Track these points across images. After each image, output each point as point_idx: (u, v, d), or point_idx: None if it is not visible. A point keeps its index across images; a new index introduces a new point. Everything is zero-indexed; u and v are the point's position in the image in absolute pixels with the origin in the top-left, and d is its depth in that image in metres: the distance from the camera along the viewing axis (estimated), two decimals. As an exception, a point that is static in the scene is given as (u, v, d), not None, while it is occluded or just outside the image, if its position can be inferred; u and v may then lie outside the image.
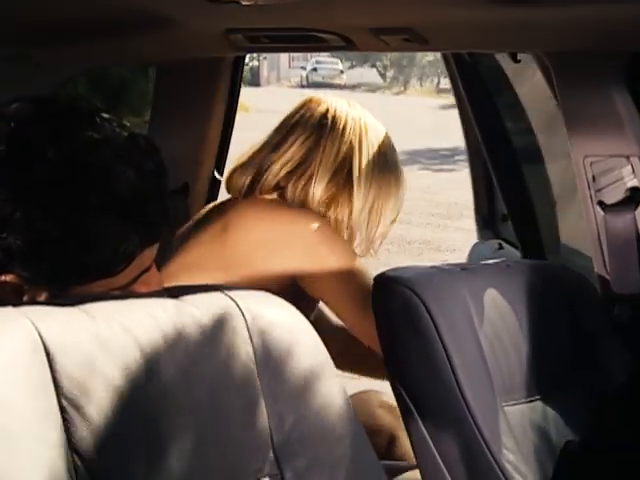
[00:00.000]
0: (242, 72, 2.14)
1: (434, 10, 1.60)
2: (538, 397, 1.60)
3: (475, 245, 2.95)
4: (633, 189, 1.77)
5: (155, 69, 2.13)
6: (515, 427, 1.51)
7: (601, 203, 1.81)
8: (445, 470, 1.47)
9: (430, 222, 9.13)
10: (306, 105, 1.78)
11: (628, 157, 1.75)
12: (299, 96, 1.93)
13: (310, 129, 1.72)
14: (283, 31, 1.82)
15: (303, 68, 35.57)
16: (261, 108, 17.73)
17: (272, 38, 1.86)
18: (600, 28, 1.57)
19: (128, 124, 1.07)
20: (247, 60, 2.20)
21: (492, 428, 1.45)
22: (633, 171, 1.76)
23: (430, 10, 1.60)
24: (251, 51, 1.98)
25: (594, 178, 1.81)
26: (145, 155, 1.06)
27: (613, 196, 1.79)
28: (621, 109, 1.73)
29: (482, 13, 1.56)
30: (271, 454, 1.10)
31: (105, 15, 1.74)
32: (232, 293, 1.11)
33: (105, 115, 1.05)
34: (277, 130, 1.77)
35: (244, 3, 1.49)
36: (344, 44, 1.81)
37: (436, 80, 33.81)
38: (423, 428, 1.48)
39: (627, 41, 1.64)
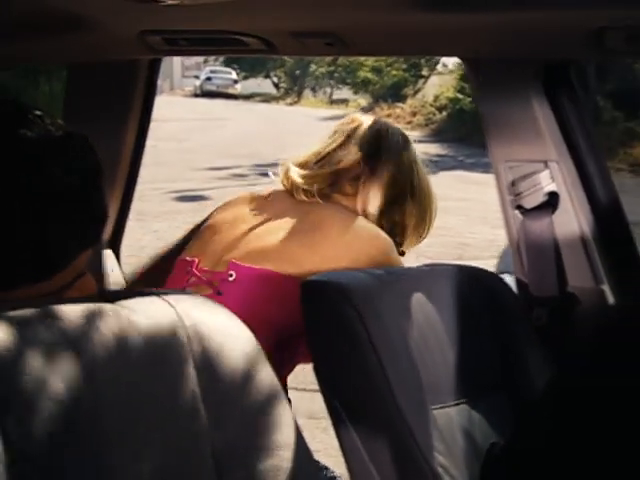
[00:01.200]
0: (158, 75, 2.10)
1: (355, 15, 1.59)
2: (464, 400, 1.61)
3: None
4: (551, 194, 1.80)
5: (67, 71, 2.05)
6: (444, 430, 1.51)
7: (520, 207, 1.83)
8: (377, 475, 1.46)
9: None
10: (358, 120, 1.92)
11: (546, 162, 1.79)
12: (193, 105, 1.91)
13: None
14: (202, 33, 1.78)
15: (197, 77, 35.28)
16: (154, 117, 17.55)
17: (191, 41, 1.83)
18: (519, 36, 1.60)
19: (62, 123, 1.02)
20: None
21: (423, 432, 1.45)
22: (551, 176, 1.79)
23: (351, 15, 1.60)
24: (168, 54, 1.94)
25: (513, 183, 1.83)
26: (80, 155, 1.02)
27: (531, 201, 1.82)
28: (539, 115, 1.77)
29: (403, 18, 1.56)
30: (211, 460, 1.07)
31: (16, 14, 1.68)
32: (169, 297, 1.08)
33: (38, 112, 1.01)
34: (339, 139, 1.91)
35: (166, 3, 1.45)
36: (265, 47, 1.79)
37: (329, 91, 34.08)
38: (355, 434, 1.47)
39: (545, 49, 1.68)
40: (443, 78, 23.35)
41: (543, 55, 1.73)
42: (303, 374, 1.84)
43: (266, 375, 1.16)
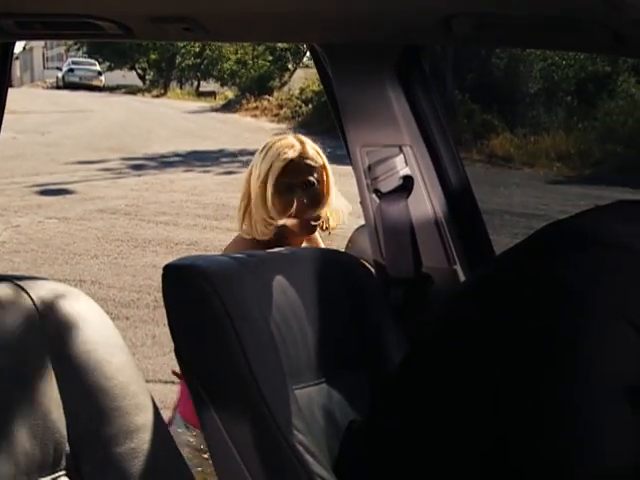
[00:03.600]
0: (12, 60, 2.04)
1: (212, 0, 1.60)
2: (324, 380, 1.64)
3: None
4: (406, 177, 1.85)
5: None
6: (305, 409, 1.54)
7: (377, 191, 1.88)
8: (238, 456, 1.47)
9: (197, 223, 9.12)
10: None
11: (401, 147, 1.84)
12: (55, 97, 1.88)
13: None
14: (57, 17, 1.75)
15: (59, 69, 34.31)
16: (14, 109, 16.97)
17: (45, 24, 1.78)
18: (372, 22, 1.64)
19: None
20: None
21: (283, 412, 1.47)
22: (405, 160, 1.84)
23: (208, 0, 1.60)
24: (21, 38, 1.89)
25: (370, 167, 1.88)
26: None
27: (387, 184, 1.87)
28: (393, 101, 1.82)
29: (258, 4, 1.57)
30: (67, 448, 1.07)
31: None
32: (23, 283, 1.06)
33: None
34: None
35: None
36: (122, 32, 1.76)
37: (196, 83, 33.78)
38: (215, 416, 1.48)
39: (397, 35, 1.72)
40: (309, 71, 23.49)
41: (395, 41, 1.78)
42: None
43: (123, 360, 1.16)
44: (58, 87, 32.35)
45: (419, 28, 1.66)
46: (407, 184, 1.86)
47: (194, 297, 1.51)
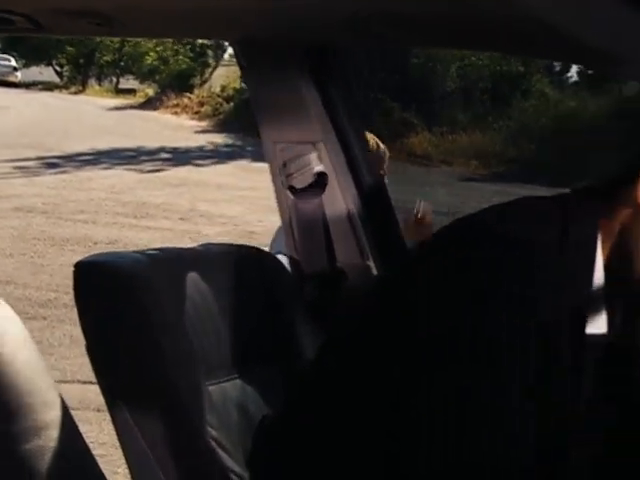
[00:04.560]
0: None
1: (124, -5, 1.59)
2: (238, 375, 1.65)
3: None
4: (320, 174, 1.87)
5: None
6: (218, 405, 1.54)
7: (291, 188, 1.89)
8: (150, 453, 1.47)
9: (116, 221, 9.02)
10: None
11: (314, 144, 1.86)
12: None
13: None
14: (-38, 10, 1.71)
15: (-28, 65, 33.50)
16: None
17: (-48, 17, 1.75)
18: (285, 20, 1.65)
19: None
20: None
21: (196, 408, 1.48)
22: (319, 157, 1.86)
23: (120, -5, 1.59)
24: None
25: (284, 164, 1.89)
26: None
27: (302, 181, 1.88)
28: (307, 98, 1.83)
29: (173, 0, 1.57)
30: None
31: None
32: None
33: None
34: None
35: None
36: (32, 26, 1.74)
37: (115, 80, 33.34)
38: (128, 414, 1.48)
39: (310, 33, 1.74)
40: (229, 69, 23.42)
41: (309, 39, 1.79)
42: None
43: (29, 357, 1.15)
44: (-29, 83, 31.60)
45: (331, 26, 1.68)
46: (321, 180, 1.87)
47: (105, 294, 1.50)
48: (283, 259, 1.95)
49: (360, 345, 1.32)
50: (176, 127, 19.56)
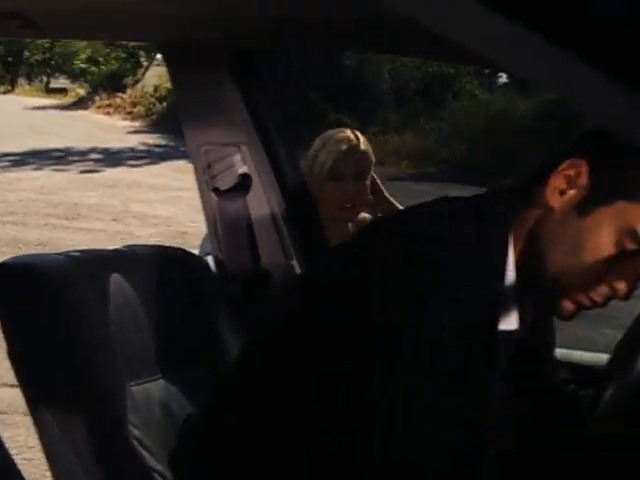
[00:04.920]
0: None
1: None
2: (160, 376, 1.66)
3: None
4: (243, 175, 1.89)
5: None
6: (141, 405, 1.55)
7: (216, 189, 1.91)
8: (73, 454, 1.48)
9: (47, 223, 8.89)
10: None
11: (238, 145, 1.88)
12: None
13: None
14: None
15: None
16: None
17: None
18: (209, 23, 1.67)
19: None
20: None
21: (118, 408, 1.49)
22: (243, 159, 1.88)
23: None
24: None
25: (209, 165, 1.91)
26: None
27: (226, 182, 1.90)
28: (230, 100, 1.85)
29: (95, 2, 1.58)
30: None
31: None
32: None
33: None
34: None
35: None
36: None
37: (46, 79, 32.84)
38: (50, 417, 1.48)
39: (233, 36, 1.76)
40: (162, 69, 23.24)
41: (232, 42, 1.82)
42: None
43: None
44: None
45: (253, 30, 1.71)
46: (245, 182, 1.90)
47: (27, 296, 1.50)
48: (210, 260, 1.97)
49: (284, 343, 1.33)
50: (108, 127, 19.35)
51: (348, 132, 2.38)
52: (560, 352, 1.72)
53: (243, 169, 1.89)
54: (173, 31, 1.76)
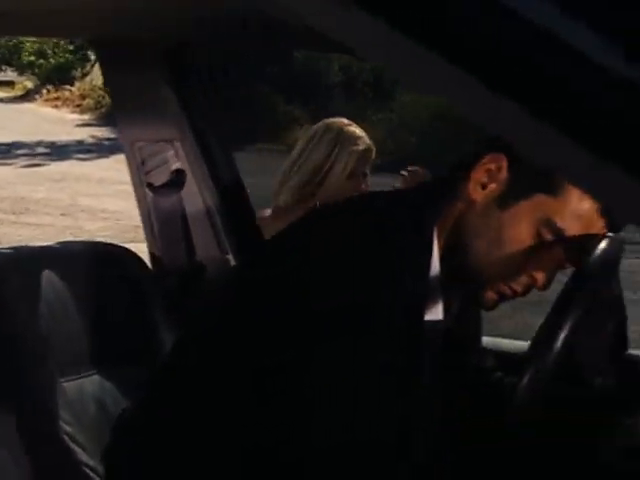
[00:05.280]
0: None
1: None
2: (96, 371, 1.67)
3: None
4: (177, 171, 1.90)
5: None
6: (74, 401, 1.56)
7: (150, 185, 1.92)
8: (7, 452, 1.48)
9: (-6, 218, 8.79)
10: None
11: (172, 141, 1.89)
12: None
13: None
14: None
15: None
16: None
17: None
18: (142, 19, 1.67)
19: None
20: None
21: (49, 404, 1.49)
22: (176, 154, 1.89)
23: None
24: None
25: (143, 162, 1.91)
26: None
27: (160, 178, 1.91)
28: (163, 97, 1.86)
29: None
30: None
31: None
32: None
33: None
34: None
35: None
36: None
37: (-6, 72, 32.35)
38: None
39: (166, 32, 1.77)
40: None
41: (165, 38, 1.82)
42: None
43: None
44: None
45: (187, 26, 1.71)
46: (179, 178, 1.91)
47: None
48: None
49: (220, 338, 1.34)
50: (56, 120, 19.11)
51: (355, 127, 2.35)
52: (489, 340, 1.76)
53: (177, 165, 1.90)
54: (104, 28, 1.76)
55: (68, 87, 23.43)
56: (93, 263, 1.76)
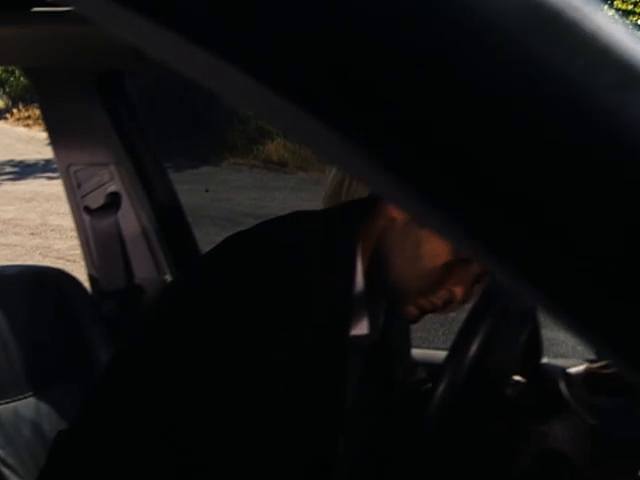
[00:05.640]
0: None
1: None
2: (31, 394, 1.69)
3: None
4: (113, 194, 1.93)
5: None
6: (8, 424, 1.58)
7: (87, 208, 1.94)
8: None
9: (-38, 239, 8.73)
10: None
11: (107, 165, 1.91)
12: None
13: None
14: None
15: None
16: None
17: None
18: (74, 46, 1.70)
19: None
20: None
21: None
22: (112, 177, 1.92)
23: None
24: None
25: (79, 185, 1.94)
26: None
27: (96, 201, 1.93)
28: (97, 120, 1.88)
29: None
30: None
31: None
32: None
33: None
34: None
35: None
36: None
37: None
38: None
39: (98, 59, 1.79)
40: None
41: (97, 65, 1.85)
42: None
43: None
44: None
45: (117, 53, 1.74)
46: (115, 200, 1.93)
47: None
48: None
49: (146, 356, 1.37)
50: (28, 139, 19.03)
51: None
52: (419, 353, 1.79)
53: (112, 187, 1.92)
54: (40, 55, 1.78)
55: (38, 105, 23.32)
56: (29, 286, 1.78)
